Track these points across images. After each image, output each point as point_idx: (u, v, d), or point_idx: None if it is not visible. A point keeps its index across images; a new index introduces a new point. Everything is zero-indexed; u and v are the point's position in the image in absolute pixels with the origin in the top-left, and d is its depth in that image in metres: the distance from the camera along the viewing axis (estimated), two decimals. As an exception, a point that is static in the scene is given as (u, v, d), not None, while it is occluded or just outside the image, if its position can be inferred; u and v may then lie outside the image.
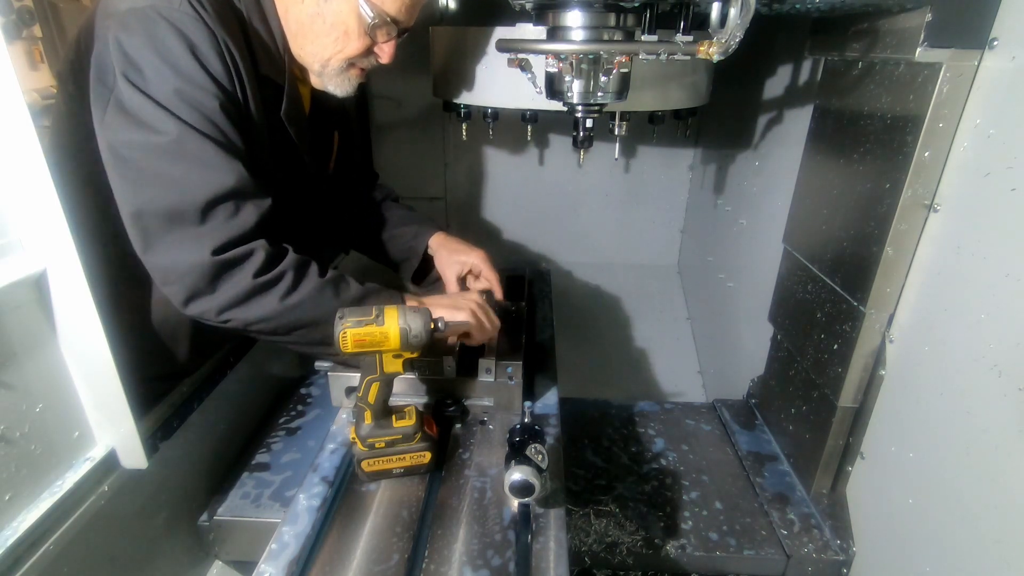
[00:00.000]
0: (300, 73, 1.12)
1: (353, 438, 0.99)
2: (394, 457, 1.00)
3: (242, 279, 0.91)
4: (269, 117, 1.05)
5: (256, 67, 1.01)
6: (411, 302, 1.08)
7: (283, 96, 1.07)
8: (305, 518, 0.93)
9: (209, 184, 0.89)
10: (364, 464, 1.00)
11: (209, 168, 0.89)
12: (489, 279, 1.36)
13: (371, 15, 1.01)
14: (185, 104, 0.88)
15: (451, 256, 1.38)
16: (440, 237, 1.42)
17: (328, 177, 1.33)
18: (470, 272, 1.38)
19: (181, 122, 0.87)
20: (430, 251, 1.42)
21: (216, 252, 0.89)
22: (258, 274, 0.92)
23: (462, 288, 1.38)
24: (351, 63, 1.08)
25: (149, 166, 0.88)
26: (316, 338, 1.01)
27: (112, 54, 0.86)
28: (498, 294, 1.37)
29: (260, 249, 0.93)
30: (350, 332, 0.91)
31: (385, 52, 1.09)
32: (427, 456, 1.02)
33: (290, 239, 1.02)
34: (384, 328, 0.92)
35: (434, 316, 0.96)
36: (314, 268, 1.00)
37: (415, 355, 0.97)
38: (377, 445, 0.98)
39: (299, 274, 0.97)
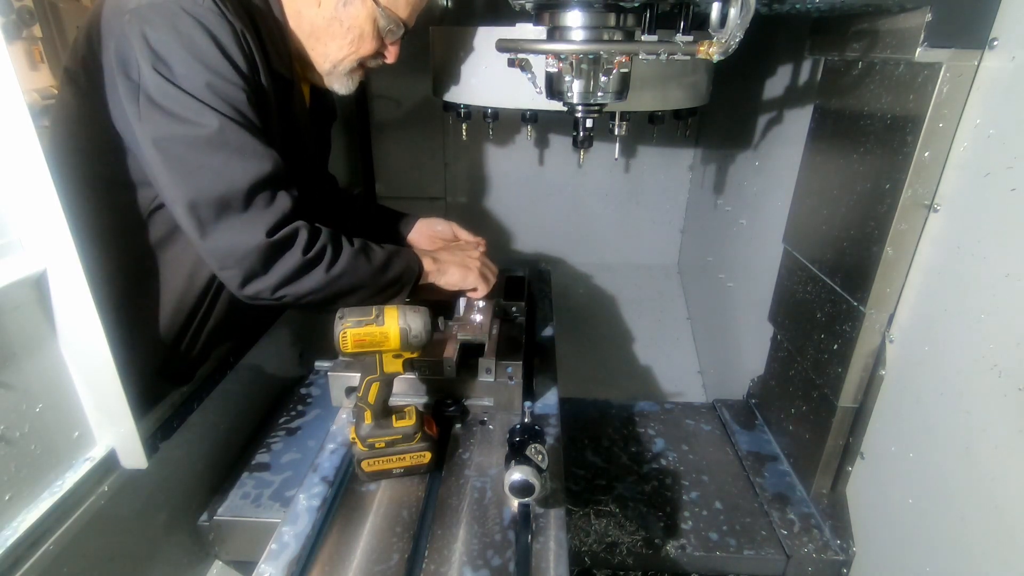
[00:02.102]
0: (301, 70, 1.14)
1: (353, 438, 0.99)
2: (394, 457, 1.00)
3: (293, 257, 0.95)
4: (279, 113, 1.07)
5: (268, 62, 1.02)
6: (426, 260, 1.16)
7: (291, 91, 1.09)
8: (305, 518, 0.93)
9: (249, 171, 0.91)
10: (364, 464, 1.00)
11: (248, 156, 0.92)
12: (463, 236, 1.47)
13: (386, 20, 1.05)
14: (217, 97, 0.90)
15: (423, 231, 1.48)
16: (424, 220, 1.49)
17: (325, 175, 1.34)
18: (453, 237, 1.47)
19: (220, 114, 0.89)
20: (411, 240, 1.48)
21: (270, 233, 0.93)
22: (306, 250, 0.96)
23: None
24: (360, 63, 1.12)
25: (194, 158, 0.89)
26: (356, 299, 1.06)
27: (136, 49, 0.87)
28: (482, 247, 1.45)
29: (303, 228, 0.97)
30: (350, 332, 0.91)
31: (392, 53, 1.13)
32: (427, 456, 1.02)
33: None
34: (384, 328, 0.92)
35: (448, 277, 1.08)
36: (343, 240, 1.05)
37: (415, 355, 0.98)
38: (377, 445, 0.98)
39: (336, 246, 1.02)
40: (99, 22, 0.91)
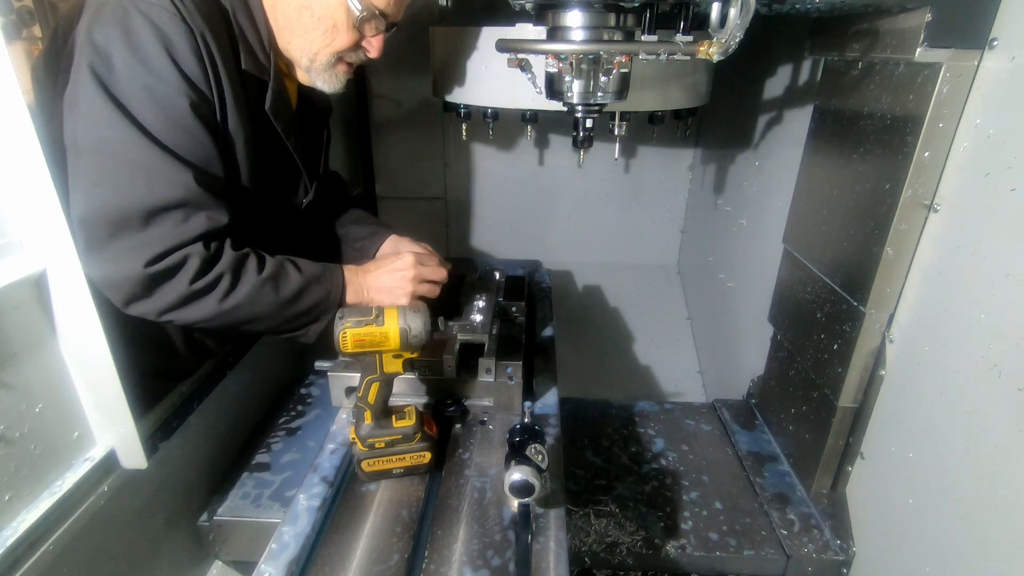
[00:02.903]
0: (287, 68, 1.11)
1: (353, 438, 0.99)
2: (394, 457, 1.00)
3: (177, 286, 0.92)
4: (253, 113, 1.04)
5: (238, 63, 1.00)
6: (350, 274, 1.13)
7: (265, 91, 1.05)
8: (305, 518, 0.93)
9: (153, 193, 0.88)
10: (364, 464, 1.00)
11: (155, 177, 0.88)
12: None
13: (359, 8, 1.00)
14: (152, 102, 0.87)
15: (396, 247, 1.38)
16: (393, 239, 1.40)
17: (320, 175, 1.32)
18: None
19: (133, 124, 0.86)
20: (379, 253, 1.40)
21: (148, 264, 0.88)
22: (194, 280, 0.92)
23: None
24: (339, 58, 1.08)
25: (98, 168, 0.86)
26: (262, 329, 1.04)
27: (82, 46, 0.85)
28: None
29: (195, 256, 0.92)
30: (350, 332, 0.91)
31: (374, 46, 1.08)
32: (427, 456, 1.02)
33: (283, 237, 1.02)
34: (384, 328, 0.92)
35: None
36: (252, 265, 0.99)
37: (415, 355, 0.98)
38: (377, 445, 0.98)
39: (236, 275, 0.97)
40: (71, 20, 0.90)
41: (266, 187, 1.12)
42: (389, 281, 1.17)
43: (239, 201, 1.05)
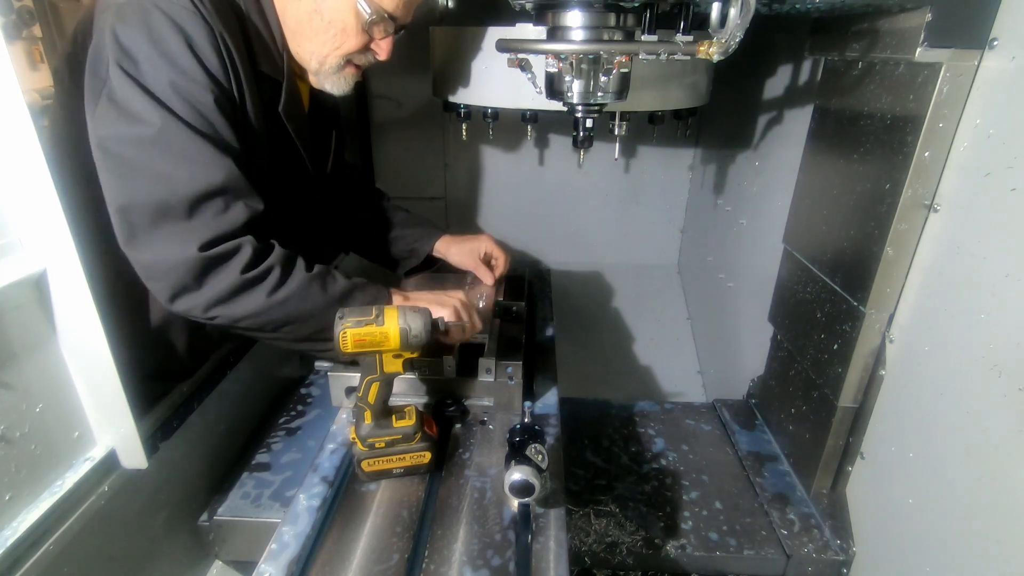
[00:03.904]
0: (299, 71, 1.12)
1: (353, 438, 0.99)
2: (394, 457, 1.00)
3: (229, 275, 0.90)
4: (267, 114, 1.05)
5: (254, 63, 1.01)
6: (397, 297, 1.11)
7: (281, 93, 1.06)
8: (305, 518, 0.93)
9: (196, 179, 0.88)
10: (364, 464, 1.00)
11: (196, 163, 0.89)
12: (499, 260, 1.45)
13: (368, 11, 1.01)
14: (179, 97, 0.88)
15: (463, 247, 1.46)
16: (446, 239, 1.47)
17: (327, 176, 1.33)
18: (484, 256, 1.46)
19: (169, 113, 0.87)
20: (437, 253, 1.47)
21: (203, 248, 0.88)
22: (246, 269, 0.91)
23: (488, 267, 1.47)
24: (348, 60, 1.08)
25: (136, 159, 0.87)
26: (304, 334, 1.01)
27: (107, 45, 0.86)
28: (499, 272, 1.46)
29: (247, 244, 0.92)
30: (350, 332, 0.91)
31: (383, 49, 1.09)
32: (427, 456, 1.02)
33: (289, 238, 1.02)
34: (384, 328, 0.92)
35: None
36: (301, 263, 0.99)
37: (415, 355, 0.97)
38: (377, 445, 0.98)
39: (286, 269, 0.97)
40: (89, 20, 0.91)
41: (275, 185, 1.13)
42: (434, 299, 1.12)
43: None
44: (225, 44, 0.93)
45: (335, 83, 1.11)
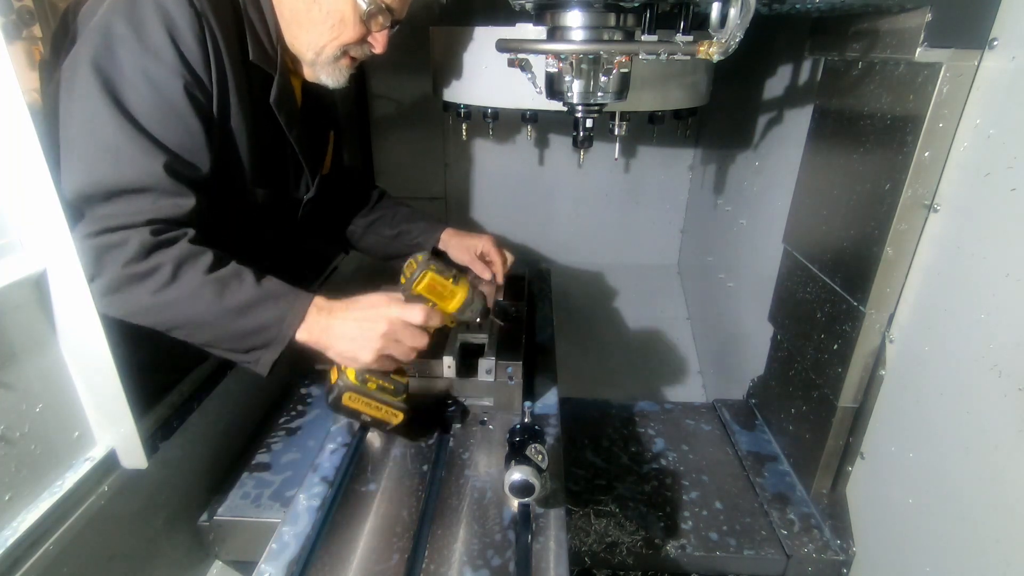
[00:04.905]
0: (292, 65, 1.12)
1: (345, 368, 1.00)
2: (373, 403, 1.01)
3: (113, 266, 0.87)
4: (257, 106, 1.05)
5: (244, 55, 1.01)
6: (315, 312, 0.96)
7: (270, 85, 1.06)
8: (305, 518, 0.93)
9: (118, 173, 0.87)
10: (346, 396, 0.99)
11: (122, 158, 0.87)
12: (495, 261, 1.44)
13: (366, 3, 1.01)
14: (146, 80, 0.88)
15: (462, 242, 1.47)
16: (449, 232, 1.48)
17: (326, 177, 1.33)
18: (481, 255, 1.46)
19: (114, 106, 0.86)
20: (441, 246, 1.48)
21: (89, 236, 0.86)
22: (128, 263, 0.87)
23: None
24: (345, 51, 1.08)
25: (80, 144, 0.87)
26: (201, 340, 0.94)
27: (89, 30, 0.87)
28: (499, 277, 1.45)
29: (134, 238, 0.87)
30: (431, 275, 0.97)
31: (379, 41, 1.09)
32: (399, 416, 1.03)
33: (284, 236, 1.02)
34: (454, 288, 0.99)
35: (335, 348, 0.96)
36: (203, 263, 0.91)
37: (453, 325, 1.06)
38: (369, 384, 1.00)
39: (179, 267, 0.89)
40: (76, 5, 0.92)
41: (266, 180, 1.13)
42: (356, 331, 0.96)
43: (237, 192, 1.05)
44: (212, 32, 0.93)
45: (331, 74, 1.11)
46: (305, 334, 0.96)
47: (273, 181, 1.15)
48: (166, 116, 0.91)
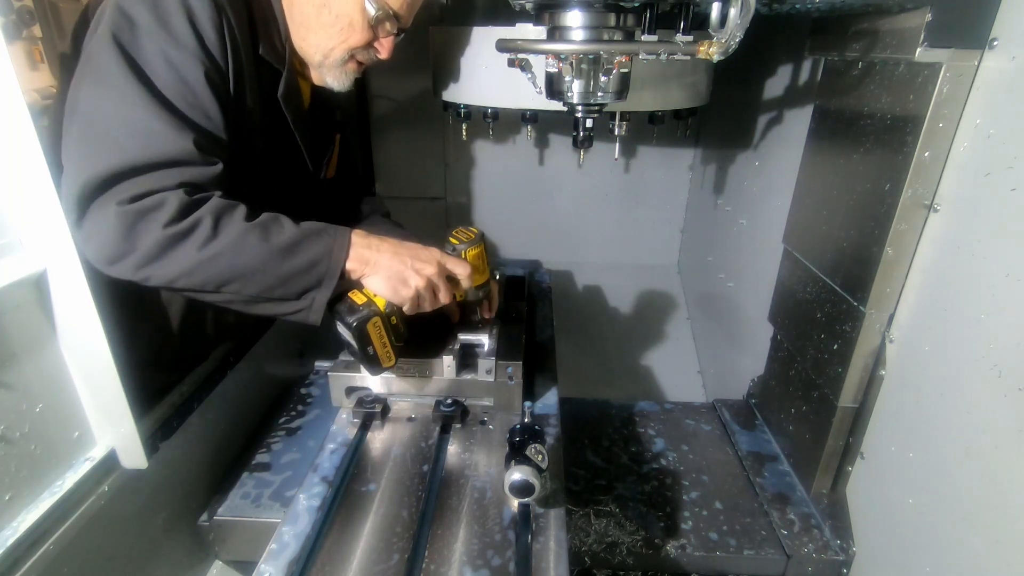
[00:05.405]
0: (300, 67, 1.14)
1: (376, 297, 1.00)
2: (384, 338, 1.02)
3: (152, 229, 0.84)
4: (266, 100, 1.07)
5: (256, 49, 1.02)
6: (358, 242, 0.99)
7: (278, 81, 1.08)
8: (305, 518, 0.93)
9: (149, 149, 0.86)
10: (373, 321, 0.98)
11: (152, 138, 0.87)
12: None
13: (375, 8, 1.04)
14: (168, 65, 0.89)
15: None
16: None
17: (329, 181, 1.33)
18: None
19: (144, 88, 0.86)
20: None
21: (122, 203, 0.83)
22: (170, 223, 0.84)
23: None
24: (352, 55, 1.10)
25: (101, 125, 0.86)
26: (251, 292, 0.91)
27: (107, 15, 0.87)
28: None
29: (172, 197, 0.85)
30: (482, 248, 1.13)
31: (385, 47, 1.11)
32: (392, 361, 1.05)
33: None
34: (485, 268, 1.15)
35: (372, 282, 1.00)
36: (240, 213, 0.90)
37: (460, 298, 1.15)
38: (392, 319, 1.01)
39: (218, 220, 0.88)
40: (87, 17, 0.93)
41: (272, 173, 1.14)
42: (402, 267, 0.99)
43: (245, 178, 1.05)
44: (229, 23, 0.94)
45: (337, 76, 1.12)
46: (352, 263, 0.97)
47: (277, 176, 1.17)
48: (189, 100, 0.91)
